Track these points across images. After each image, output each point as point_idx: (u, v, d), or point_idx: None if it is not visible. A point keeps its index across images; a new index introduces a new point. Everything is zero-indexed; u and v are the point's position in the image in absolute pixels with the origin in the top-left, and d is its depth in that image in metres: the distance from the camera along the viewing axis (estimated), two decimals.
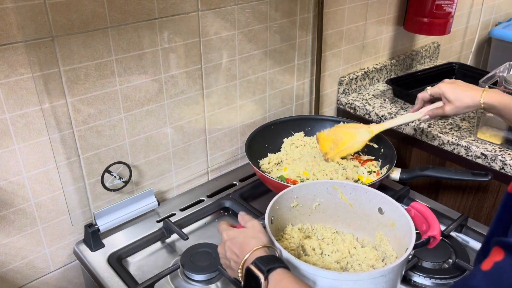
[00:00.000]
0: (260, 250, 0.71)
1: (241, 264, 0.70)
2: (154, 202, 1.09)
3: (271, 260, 0.68)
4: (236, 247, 0.74)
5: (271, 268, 0.66)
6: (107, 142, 1.00)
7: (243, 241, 0.73)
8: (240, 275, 0.71)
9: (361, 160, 1.22)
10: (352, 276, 0.70)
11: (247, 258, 0.70)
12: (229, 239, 0.76)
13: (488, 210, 1.28)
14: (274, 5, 1.19)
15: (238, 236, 0.75)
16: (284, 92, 1.35)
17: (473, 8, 2.01)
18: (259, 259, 0.68)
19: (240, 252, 0.73)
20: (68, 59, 0.88)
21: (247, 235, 0.75)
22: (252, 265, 0.67)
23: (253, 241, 0.73)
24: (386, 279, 0.70)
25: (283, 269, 0.67)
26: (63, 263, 1.04)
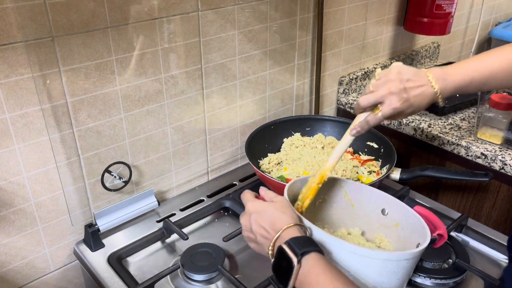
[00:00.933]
0: (293, 228, 0.68)
1: (273, 241, 0.67)
2: (154, 202, 1.09)
3: (306, 242, 0.65)
4: (265, 222, 0.70)
5: (305, 251, 0.64)
6: (107, 142, 1.00)
7: (273, 216, 0.70)
8: (270, 253, 0.68)
9: (361, 160, 1.22)
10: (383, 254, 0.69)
11: (279, 235, 0.67)
12: (256, 211, 0.72)
13: (488, 210, 1.28)
14: (274, 5, 1.19)
15: (267, 210, 0.71)
16: (284, 92, 1.35)
17: (473, 8, 2.01)
18: (293, 240, 0.65)
19: (270, 228, 0.69)
20: (68, 59, 0.87)
21: (277, 209, 0.71)
22: (285, 245, 0.65)
23: (285, 217, 0.69)
24: (408, 264, 0.70)
25: (318, 253, 0.65)
26: (63, 263, 1.04)
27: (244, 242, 1.02)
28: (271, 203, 0.73)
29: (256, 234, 0.71)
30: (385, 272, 0.69)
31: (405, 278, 0.72)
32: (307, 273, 0.63)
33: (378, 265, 0.68)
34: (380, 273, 0.69)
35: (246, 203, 0.75)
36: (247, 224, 0.73)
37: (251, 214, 0.73)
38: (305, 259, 0.63)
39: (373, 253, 0.68)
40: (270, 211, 0.71)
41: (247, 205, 0.75)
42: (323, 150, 1.24)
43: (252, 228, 0.72)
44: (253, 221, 0.72)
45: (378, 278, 0.69)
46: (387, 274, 0.69)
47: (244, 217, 0.75)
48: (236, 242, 1.02)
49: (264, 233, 0.70)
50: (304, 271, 0.63)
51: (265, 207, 0.72)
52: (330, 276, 0.62)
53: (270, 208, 0.72)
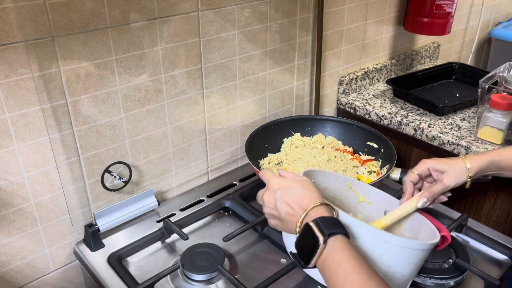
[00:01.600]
0: (322, 207, 0.68)
1: (301, 218, 0.67)
2: (154, 202, 1.09)
3: (334, 223, 0.65)
4: (291, 199, 0.69)
5: (333, 232, 0.63)
6: (107, 142, 1.00)
7: (300, 193, 0.70)
8: (298, 230, 0.68)
9: (361, 160, 1.22)
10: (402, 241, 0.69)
11: (307, 213, 0.67)
12: (281, 188, 0.71)
13: (488, 210, 1.28)
14: (274, 5, 1.19)
15: (294, 187, 0.71)
16: (284, 92, 1.35)
17: (473, 8, 2.01)
18: (322, 219, 0.65)
19: (296, 205, 0.69)
20: (68, 59, 0.87)
21: (304, 187, 0.70)
22: (313, 223, 0.64)
23: (312, 195, 0.69)
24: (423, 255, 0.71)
25: (344, 236, 0.65)
26: (63, 263, 1.04)
27: (244, 242, 1.03)
28: (296, 181, 0.72)
29: (281, 211, 0.71)
30: (401, 260, 0.69)
31: (415, 271, 0.73)
32: (331, 254, 0.63)
33: (396, 252, 0.69)
34: (395, 261, 0.69)
35: (270, 180, 0.74)
36: (271, 201, 0.72)
37: (275, 190, 0.72)
38: (332, 240, 0.63)
39: (393, 238, 0.69)
40: (297, 188, 0.70)
41: (270, 182, 0.73)
42: (323, 150, 1.24)
43: (277, 205, 0.71)
44: (278, 198, 0.71)
45: (393, 267, 0.70)
46: (402, 263, 0.70)
47: (268, 193, 0.73)
48: (236, 242, 1.02)
49: (290, 210, 0.70)
50: (328, 251, 0.63)
51: (291, 184, 0.71)
52: (353, 262, 0.62)
53: (296, 185, 0.71)
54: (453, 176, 0.90)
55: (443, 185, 0.90)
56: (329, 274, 0.63)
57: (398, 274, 0.70)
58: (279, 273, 0.88)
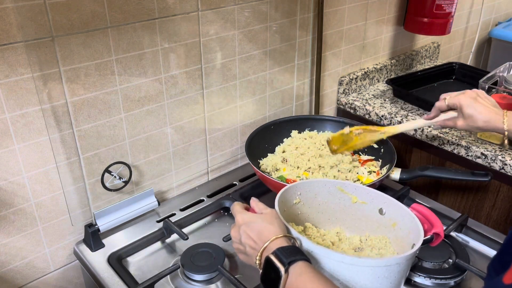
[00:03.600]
0: (281, 239, 0.68)
1: (260, 252, 0.68)
2: (154, 202, 1.09)
3: (292, 251, 0.66)
4: (253, 233, 0.71)
5: (292, 260, 0.64)
6: (107, 142, 1.00)
7: (261, 227, 0.71)
8: (257, 263, 0.69)
9: (361, 160, 1.22)
10: (371, 262, 0.69)
11: (266, 246, 0.68)
12: (244, 223, 0.73)
13: (488, 210, 1.28)
14: (274, 5, 1.19)
15: (256, 221, 0.72)
16: (284, 92, 1.35)
17: (473, 8, 2.01)
18: (280, 249, 0.66)
19: (257, 239, 0.70)
20: (68, 59, 0.88)
21: (265, 221, 0.72)
22: (272, 255, 0.65)
23: (272, 228, 0.70)
24: (399, 268, 0.70)
25: (305, 262, 0.65)
26: (63, 263, 1.04)
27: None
28: (260, 215, 0.74)
29: (245, 245, 0.73)
30: (376, 278, 0.69)
31: (399, 280, 0.72)
32: (295, 281, 0.64)
33: (368, 272, 0.69)
34: (370, 280, 0.69)
35: (236, 215, 0.76)
36: (237, 236, 0.74)
37: (240, 225, 0.74)
38: (293, 268, 0.64)
39: (360, 261, 0.69)
40: (259, 222, 0.72)
41: (236, 217, 0.76)
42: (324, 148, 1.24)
43: (241, 240, 0.73)
44: (242, 232, 0.73)
45: (370, 285, 0.69)
46: (378, 279, 0.69)
47: (234, 228, 0.76)
48: None
49: (252, 243, 0.71)
50: (291, 280, 0.64)
51: (253, 218, 0.73)
52: (317, 284, 0.62)
53: (258, 220, 0.73)
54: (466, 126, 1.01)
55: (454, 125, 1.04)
56: None
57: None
58: None
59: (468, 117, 1.00)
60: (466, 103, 1.00)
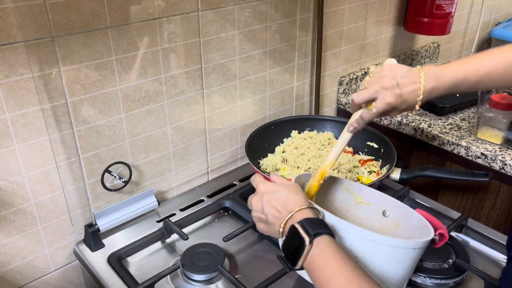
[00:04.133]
0: (307, 210, 0.68)
1: (286, 220, 0.68)
2: (154, 202, 1.09)
3: (319, 224, 0.66)
4: (277, 202, 0.71)
5: (318, 232, 0.64)
6: (107, 142, 1.00)
7: (286, 197, 0.71)
8: (281, 231, 0.69)
9: (361, 160, 1.22)
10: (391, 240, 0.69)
11: (292, 215, 0.68)
12: (268, 192, 0.73)
13: (488, 210, 1.28)
14: (274, 5, 1.19)
15: (280, 190, 0.72)
16: (284, 92, 1.35)
17: (473, 8, 2.01)
18: (307, 220, 0.66)
19: (282, 208, 0.70)
20: (68, 59, 0.88)
21: (290, 191, 0.72)
22: (298, 225, 0.65)
23: (298, 198, 0.70)
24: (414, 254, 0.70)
25: (330, 236, 0.65)
26: (63, 263, 1.04)
27: (244, 242, 1.03)
28: (283, 185, 0.74)
29: (268, 214, 0.72)
30: (392, 260, 0.69)
31: (410, 270, 0.72)
32: (317, 254, 0.64)
33: (386, 252, 0.69)
34: (387, 260, 0.69)
35: (258, 184, 0.75)
36: (259, 204, 0.73)
37: (263, 194, 0.73)
38: (317, 241, 0.64)
39: (382, 238, 0.69)
40: (284, 191, 0.71)
41: (259, 186, 0.75)
42: (324, 148, 1.24)
43: (264, 209, 0.72)
44: (265, 201, 0.72)
45: (385, 266, 0.69)
46: (394, 262, 0.69)
47: (256, 197, 0.74)
48: (236, 242, 1.02)
49: (276, 213, 0.70)
50: (314, 252, 0.64)
51: (278, 188, 0.73)
52: (340, 260, 0.62)
53: (283, 189, 0.72)
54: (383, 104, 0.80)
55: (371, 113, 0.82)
56: (316, 273, 0.64)
57: (391, 274, 0.70)
58: (279, 273, 0.88)
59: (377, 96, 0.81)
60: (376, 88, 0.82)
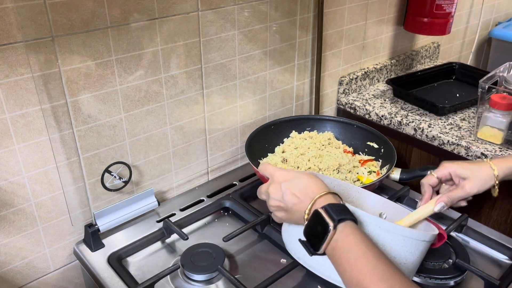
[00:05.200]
0: (330, 195, 0.69)
1: (310, 206, 0.68)
2: (154, 202, 1.09)
3: (343, 210, 0.66)
4: (298, 189, 0.71)
5: (342, 218, 0.64)
6: (107, 142, 1.00)
7: (306, 183, 0.71)
8: (306, 217, 0.69)
9: (361, 160, 1.22)
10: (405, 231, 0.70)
11: (316, 200, 0.68)
12: (286, 180, 0.72)
13: (488, 210, 1.28)
14: (274, 5, 1.19)
15: (299, 177, 0.72)
16: (284, 92, 1.35)
17: (473, 8, 2.01)
18: (331, 205, 0.66)
19: (302, 194, 0.70)
20: (68, 59, 0.87)
21: (310, 178, 0.71)
22: (322, 210, 0.65)
23: (318, 184, 0.70)
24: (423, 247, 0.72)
25: (353, 222, 0.65)
26: (63, 263, 1.04)
27: (244, 242, 1.03)
28: (301, 173, 0.73)
29: (288, 202, 0.71)
30: (404, 251, 0.70)
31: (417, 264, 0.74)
32: (341, 240, 0.64)
33: (400, 243, 0.70)
34: (399, 252, 0.70)
35: (274, 173, 0.75)
36: (277, 193, 0.73)
37: (281, 182, 0.73)
38: (341, 226, 0.64)
39: (396, 228, 0.69)
40: (303, 178, 0.71)
41: (275, 174, 0.74)
42: (324, 148, 1.24)
43: (284, 197, 0.72)
44: (285, 189, 0.72)
45: (398, 258, 0.71)
46: (405, 254, 0.70)
47: (274, 185, 0.74)
48: (236, 242, 1.02)
49: (296, 200, 0.70)
50: (338, 237, 0.64)
51: (296, 175, 0.72)
52: (363, 247, 0.63)
53: (302, 176, 0.72)
54: (476, 183, 0.89)
55: (464, 191, 0.89)
56: (339, 259, 0.64)
57: (402, 265, 0.71)
58: (279, 273, 0.88)
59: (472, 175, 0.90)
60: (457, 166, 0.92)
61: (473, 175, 0.89)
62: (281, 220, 0.76)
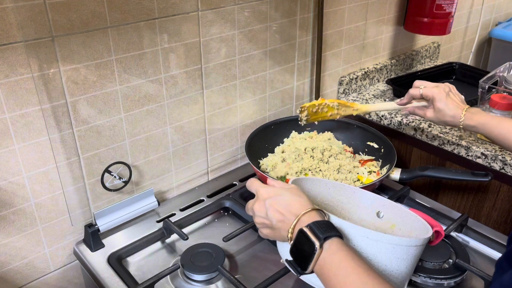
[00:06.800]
0: (314, 212, 0.67)
1: (293, 224, 0.67)
2: (154, 202, 1.09)
3: (328, 227, 0.65)
4: (281, 206, 0.69)
5: (328, 236, 0.63)
6: (107, 142, 1.00)
7: (290, 200, 0.70)
8: (289, 236, 0.68)
9: (361, 160, 1.22)
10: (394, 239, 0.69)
11: (299, 218, 0.67)
12: (270, 197, 0.71)
13: (488, 210, 1.28)
14: (274, 5, 1.19)
15: (283, 194, 0.71)
16: (284, 92, 1.35)
17: (473, 8, 2.01)
18: (315, 223, 0.64)
19: (286, 211, 0.69)
20: (68, 59, 0.88)
21: (293, 193, 0.70)
22: (307, 229, 0.64)
23: (302, 201, 0.69)
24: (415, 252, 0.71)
25: (339, 238, 0.64)
26: (63, 263, 1.04)
27: (244, 242, 1.03)
28: (285, 189, 0.72)
29: (272, 219, 0.71)
30: (395, 258, 0.69)
31: (411, 268, 0.73)
32: (329, 258, 0.63)
33: (389, 251, 0.69)
34: (390, 259, 0.69)
35: (259, 190, 0.74)
36: (262, 210, 0.72)
37: (265, 199, 0.72)
38: (327, 244, 0.63)
39: (386, 237, 0.69)
40: (286, 195, 0.70)
41: (260, 191, 0.73)
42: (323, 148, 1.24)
43: (268, 214, 0.71)
44: (269, 206, 0.71)
45: (389, 265, 0.70)
46: (396, 261, 0.69)
47: (258, 203, 0.73)
48: (236, 242, 1.02)
49: (281, 217, 0.69)
50: (325, 256, 0.63)
51: (280, 192, 0.71)
52: (352, 263, 0.62)
53: (285, 192, 0.71)
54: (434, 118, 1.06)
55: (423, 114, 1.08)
56: (328, 277, 0.63)
57: (394, 272, 0.71)
58: (279, 273, 0.88)
59: (438, 111, 1.04)
60: (439, 97, 1.04)
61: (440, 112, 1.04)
62: (267, 237, 0.75)
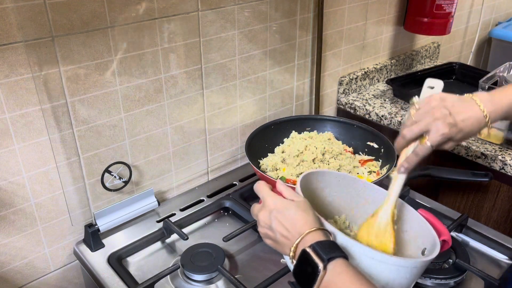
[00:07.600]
0: (318, 232, 0.65)
1: (296, 244, 0.65)
2: (154, 202, 1.09)
3: (332, 247, 0.63)
4: (287, 221, 0.67)
5: (332, 257, 0.61)
6: (107, 142, 1.00)
7: (296, 216, 0.67)
8: (291, 255, 0.66)
9: (361, 160, 1.22)
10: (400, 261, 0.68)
11: (303, 237, 0.65)
12: (276, 208, 0.69)
13: (488, 210, 1.28)
14: (274, 5, 1.19)
15: (290, 208, 0.68)
16: (284, 92, 1.35)
17: (473, 8, 2.01)
18: (319, 244, 0.62)
19: (291, 227, 0.67)
20: (68, 59, 0.87)
21: (300, 209, 0.68)
22: (310, 249, 0.62)
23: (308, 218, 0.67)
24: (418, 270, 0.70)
25: (344, 259, 0.63)
26: (63, 263, 1.04)
27: (244, 242, 1.03)
28: (293, 202, 0.70)
29: (276, 233, 0.69)
30: (398, 277, 0.69)
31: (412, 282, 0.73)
32: (333, 279, 0.61)
33: (393, 271, 0.68)
34: (393, 278, 0.69)
35: (266, 198, 0.72)
36: (266, 221, 0.70)
37: (271, 210, 0.70)
38: (331, 265, 0.61)
39: (390, 259, 0.68)
40: (293, 209, 0.68)
41: (267, 200, 0.71)
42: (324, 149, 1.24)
43: (272, 226, 0.69)
44: (273, 218, 0.69)
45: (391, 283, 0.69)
46: (400, 279, 0.69)
47: (263, 212, 0.71)
48: (236, 242, 1.02)
49: (285, 232, 0.68)
50: (329, 277, 0.61)
51: (287, 205, 0.69)
52: (358, 285, 0.60)
53: (292, 207, 0.69)
54: None
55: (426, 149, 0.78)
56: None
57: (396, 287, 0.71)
58: (279, 273, 0.88)
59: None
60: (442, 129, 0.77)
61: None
62: (271, 246, 0.73)
